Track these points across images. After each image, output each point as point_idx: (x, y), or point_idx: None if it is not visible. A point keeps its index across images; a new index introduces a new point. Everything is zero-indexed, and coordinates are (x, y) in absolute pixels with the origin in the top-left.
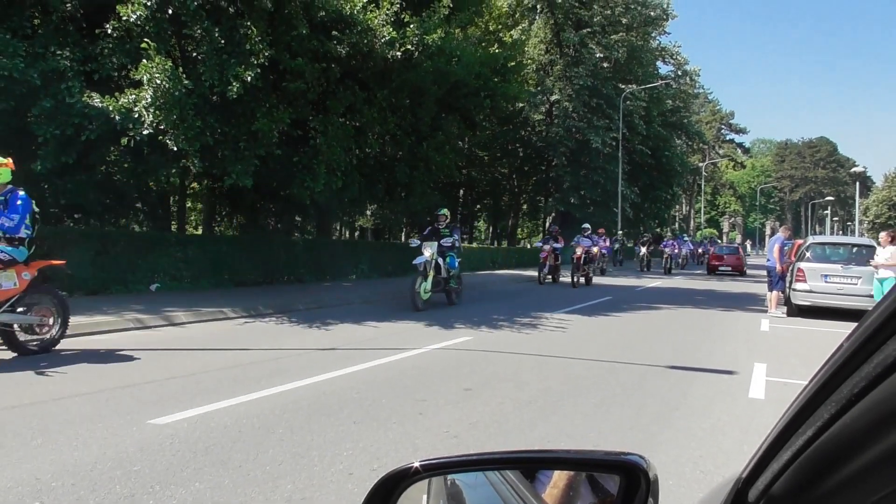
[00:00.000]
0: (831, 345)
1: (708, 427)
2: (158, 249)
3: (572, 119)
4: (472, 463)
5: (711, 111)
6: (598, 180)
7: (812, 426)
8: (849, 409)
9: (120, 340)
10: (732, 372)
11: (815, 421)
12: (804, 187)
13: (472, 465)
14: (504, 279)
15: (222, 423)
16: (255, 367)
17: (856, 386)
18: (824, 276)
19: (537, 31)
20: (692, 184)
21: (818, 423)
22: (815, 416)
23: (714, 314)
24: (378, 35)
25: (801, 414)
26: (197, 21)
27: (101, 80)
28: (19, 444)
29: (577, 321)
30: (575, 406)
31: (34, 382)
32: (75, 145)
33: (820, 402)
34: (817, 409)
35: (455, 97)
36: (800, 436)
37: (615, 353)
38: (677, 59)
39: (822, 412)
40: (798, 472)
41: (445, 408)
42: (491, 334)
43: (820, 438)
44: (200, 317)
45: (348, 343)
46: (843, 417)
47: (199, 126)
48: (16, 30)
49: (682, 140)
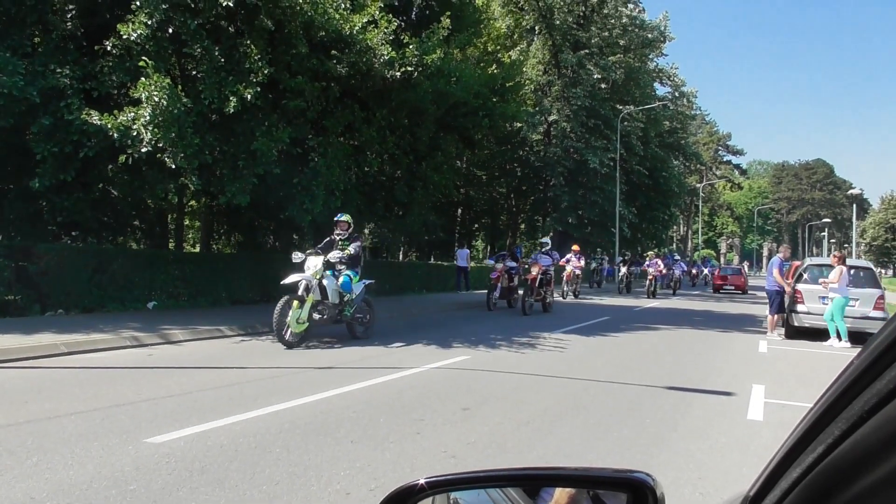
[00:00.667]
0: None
1: (706, 448)
2: (156, 267)
3: (570, 139)
4: (477, 480)
5: (708, 132)
6: (596, 200)
7: (822, 443)
8: (860, 427)
9: (116, 358)
10: (731, 393)
11: (826, 438)
12: (801, 209)
13: (478, 482)
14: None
15: (219, 441)
16: (252, 385)
17: (867, 403)
18: (822, 297)
19: (535, 52)
20: (689, 205)
21: (828, 440)
22: (825, 433)
23: (712, 335)
24: (377, 55)
25: (811, 431)
26: (197, 40)
27: (101, 97)
28: (14, 463)
29: (575, 341)
30: (573, 426)
31: (29, 400)
32: (73, 163)
33: (830, 419)
34: (827, 426)
35: (453, 116)
36: (809, 453)
37: (613, 373)
38: (675, 80)
39: (833, 429)
40: (807, 490)
41: (443, 427)
42: (489, 353)
43: (830, 456)
44: (197, 335)
45: (345, 362)
46: (854, 435)
47: (197, 144)
48: (16, 48)
49: (679, 161)
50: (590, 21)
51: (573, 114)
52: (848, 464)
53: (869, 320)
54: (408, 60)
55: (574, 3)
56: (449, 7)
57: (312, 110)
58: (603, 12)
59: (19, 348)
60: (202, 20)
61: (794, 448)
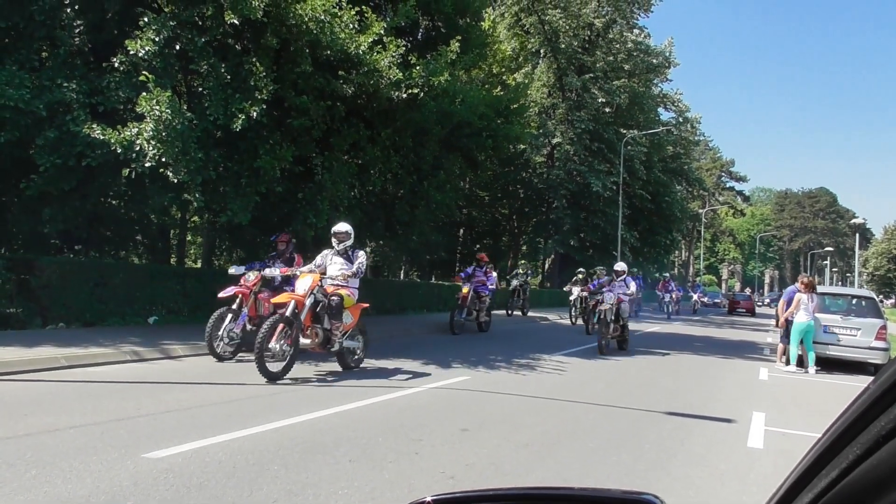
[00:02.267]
0: (830, 395)
1: (706, 475)
2: (157, 282)
3: (573, 162)
4: (485, 499)
5: (712, 158)
6: (598, 223)
7: (836, 468)
8: (875, 451)
9: (116, 373)
10: (731, 420)
11: (840, 463)
12: (803, 237)
13: (486, 500)
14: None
15: (217, 458)
16: (251, 402)
17: (883, 429)
18: (824, 326)
19: (540, 75)
20: (692, 230)
21: (842, 464)
22: (838, 458)
23: (712, 361)
24: (384, 76)
25: (824, 456)
26: (204, 57)
27: (107, 112)
28: (13, 476)
29: (576, 364)
30: (572, 450)
31: (28, 413)
32: (76, 173)
33: (844, 444)
34: (841, 451)
35: (458, 137)
36: (822, 478)
37: (613, 397)
38: (679, 106)
39: (847, 454)
40: None
41: (442, 448)
42: (488, 374)
43: (843, 481)
44: (198, 350)
45: (344, 380)
46: (870, 459)
47: (200, 159)
48: (23, 62)
49: (682, 186)
50: (595, 45)
51: (577, 137)
52: (862, 489)
53: (871, 350)
54: (414, 81)
55: (579, 27)
56: (456, 29)
57: (317, 129)
58: (608, 37)
59: (20, 361)
60: (209, 37)
61: (806, 472)
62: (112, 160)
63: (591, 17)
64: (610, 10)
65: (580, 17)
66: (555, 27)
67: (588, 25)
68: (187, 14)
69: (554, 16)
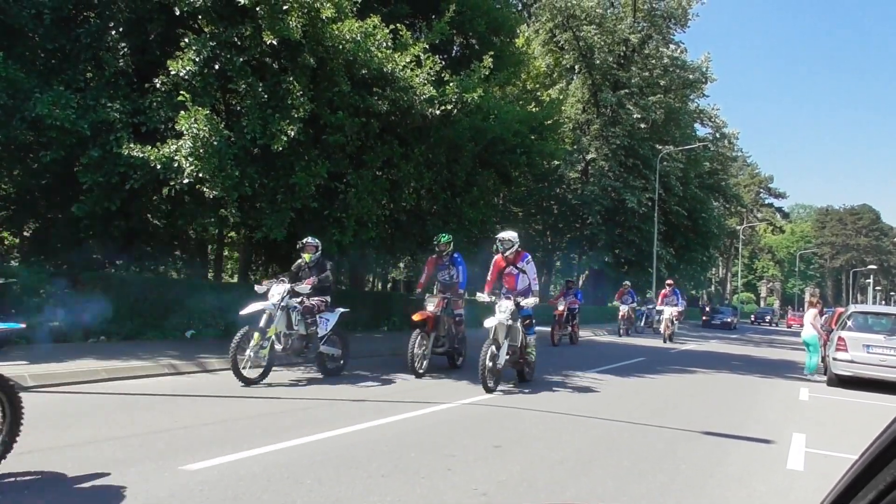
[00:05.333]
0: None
1: (744, 496)
2: (194, 297)
3: (608, 178)
4: None
5: (750, 174)
6: (633, 240)
7: (873, 489)
8: None
9: (155, 385)
10: (770, 441)
11: (877, 485)
12: (845, 255)
13: None
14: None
15: (252, 471)
16: (285, 416)
17: None
18: (866, 346)
19: (575, 91)
20: (729, 247)
21: (880, 486)
22: (875, 479)
23: (750, 380)
24: (419, 93)
25: (861, 478)
26: (242, 76)
27: (149, 132)
28: (54, 486)
29: (610, 381)
30: (606, 468)
31: (71, 424)
32: (119, 193)
33: (881, 466)
34: (878, 472)
35: (491, 153)
36: (860, 500)
37: (648, 415)
38: (716, 121)
39: (885, 476)
40: None
41: (475, 464)
42: (521, 391)
43: (882, 503)
44: (229, 364)
45: (378, 395)
46: None
47: (237, 176)
48: (69, 82)
49: (719, 202)
50: (630, 61)
51: (612, 153)
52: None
53: None
54: (448, 98)
55: (615, 43)
56: (490, 46)
57: (352, 145)
58: (644, 53)
59: (63, 373)
60: (247, 57)
61: (843, 494)
62: (153, 179)
63: (627, 33)
64: (646, 26)
65: (615, 33)
66: (590, 43)
67: (623, 41)
68: (227, 35)
69: (589, 32)
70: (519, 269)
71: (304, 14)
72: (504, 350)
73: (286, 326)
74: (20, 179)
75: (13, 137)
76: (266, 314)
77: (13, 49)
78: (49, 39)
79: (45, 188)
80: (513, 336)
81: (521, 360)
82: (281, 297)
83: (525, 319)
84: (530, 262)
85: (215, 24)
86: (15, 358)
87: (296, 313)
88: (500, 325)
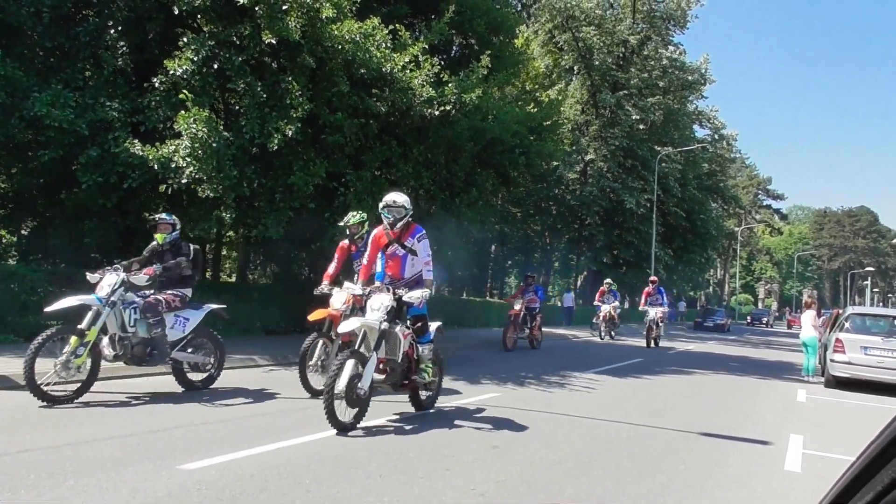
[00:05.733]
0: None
1: (743, 497)
2: (193, 296)
3: (607, 179)
4: None
5: (748, 176)
6: (632, 241)
7: (871, 491)
8: None
9: (151, 385)
10: (767, 442)
11: (875, 486)
12: (843, 256)
13: None
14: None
15: (249, 471)
16: (283, 415)
17: None
18: (864, 347)
19: (574, 92)
20: (727, 248)
21: (878, 487)
22: (874, 481)
23: (748, 382)
24: (418, 94)
25: (859, 479)
26: (241, 76)
27: (147, 131)
28: (53, 485)
29: (607, 382)
30: (605, 469)
31: (69, 424)
32: (117, 191)
33: (879, 467)
34: (876, 474)
35: (490, 153)
36: (857, 501)
37: (646, 416)
38: (714, 123)
39: (882, 477)
40: None
41: (473, 464)
42: (518, 392)
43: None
44: (230, 363)
45: (377, 395)
46: None
47: (235, 176)
48: (68, 81)
49: (717, 204)
50: (629, 62)
51: (610, 154)
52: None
53: None
54: (446, 98)
55: (614, 44)
56: (489, 46)
57: (350, 146)
58: (643, 54)
59: None
60: (246, 56)
61: (841, 495)
62: (150, 178)
63: (626, 34)
64: (645, 27)
65: (615, 35)
66: (589, 44)
67: (623, 42)
68: (225, 34)
69: (588, 33)
70: (408, 248)
71: (303, 14)
72: (372, 366)
73: (119, 328)
74: (18, 178)
75: (12, 136)
76: (93, 311)
77: (12, 47)
78: (48, 38)
79: (43, 187)
80: (390, 345)
81: (410, 381)
82: (111, 289)
83: (416, 321)
84: (424, 239)
85: (214, 23)
86: (14, 358)
87: (131, 311)
88: (369, 329)
